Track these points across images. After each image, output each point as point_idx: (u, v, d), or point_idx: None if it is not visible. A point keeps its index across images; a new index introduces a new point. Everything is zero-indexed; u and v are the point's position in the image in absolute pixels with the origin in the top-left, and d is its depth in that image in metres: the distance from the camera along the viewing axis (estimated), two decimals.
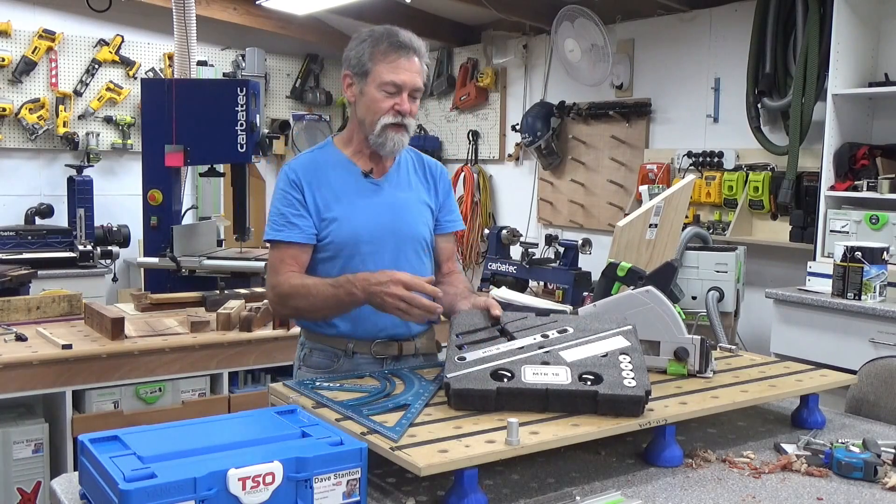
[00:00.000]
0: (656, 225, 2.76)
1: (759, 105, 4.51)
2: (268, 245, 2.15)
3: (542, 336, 1.85)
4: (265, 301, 3.31)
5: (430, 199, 2.23)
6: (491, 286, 4.37)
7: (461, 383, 1.67)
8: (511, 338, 1.85)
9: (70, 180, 5.60)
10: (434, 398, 1.76)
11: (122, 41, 6.07)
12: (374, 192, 2.14)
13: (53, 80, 5.86)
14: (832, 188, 3.98)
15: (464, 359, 1.77)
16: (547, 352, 1.78)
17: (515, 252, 4.59)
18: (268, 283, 2.14)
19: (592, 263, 3.95)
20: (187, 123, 4.13)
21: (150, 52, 6.24)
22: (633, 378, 1.66)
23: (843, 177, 3.97)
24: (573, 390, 1.64)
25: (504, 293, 2.25)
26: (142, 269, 4.69)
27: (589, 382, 1.66)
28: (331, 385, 1.85)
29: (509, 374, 1.70)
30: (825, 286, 3.73)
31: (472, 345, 1.84)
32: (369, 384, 1.86)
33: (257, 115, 4.26)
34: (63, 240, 5.07)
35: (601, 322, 1.91)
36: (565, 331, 1.87)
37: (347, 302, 1.97)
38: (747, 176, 4.59)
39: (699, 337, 1.97)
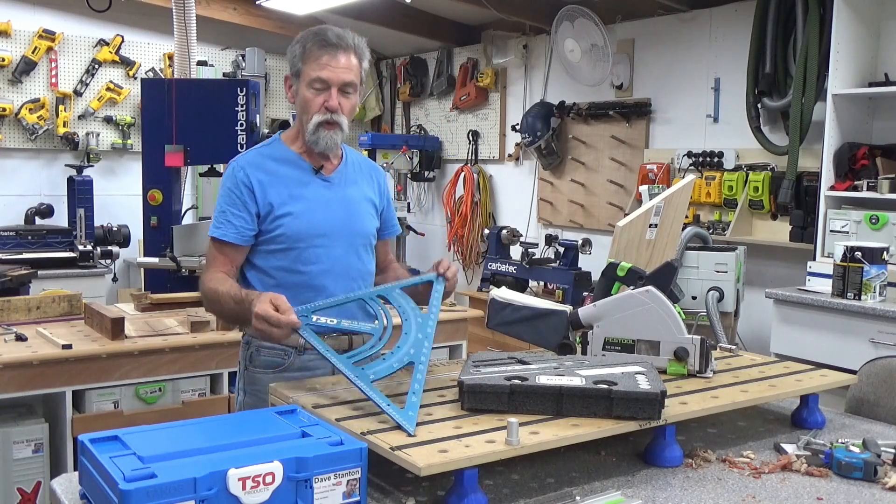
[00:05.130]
0: (656, 225, 2.76)
1: (759, 105, 4.51)
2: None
3: (559, 364, 1.84)
4: None
5: (376, 199, 2.30)
6: (491, 286, 4.37)
7: (474, 380, 1.67)
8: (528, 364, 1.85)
9: (70, 180, 5.60)
10: (437, 399, 1.76)
11: (122, 41, 6.07)
12: (327, 188, 2.18)
13: (53, 80, 5.86)
14: (832, 188, 3.97)
15: (479, 370, 1.77)
16: (563, 370, 1.77)
17: (515, 252, 4.59)
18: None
19: (592, 263, 3.96)
20: (187, 123, 4.13)
21: (150, 52, 6.24)
22: (647, 384, 1.66)
23: (843, 177, 3.97)
24: (587, 388, 1.63)
25: (504, 293, 2.25)
26: (142, 269, 4.69)
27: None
28: (327, 322, 1.88)
29: (524, 380, 1.69)
30: (825, 286, 3.73)
31: (488, 365, 1.83)
32: (365, 325, 1.92)
33: (257, 115, 4.26)
34: (63, 240, 5.07)
35: (617, 358, 1.92)
36: (582, 363, 1.87)
37: (247, 319, 1.92)
38: (747, 176, 4.59)
39: (699, 337, 1.97)
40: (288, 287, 2.10)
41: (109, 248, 5.10)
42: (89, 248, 4.97)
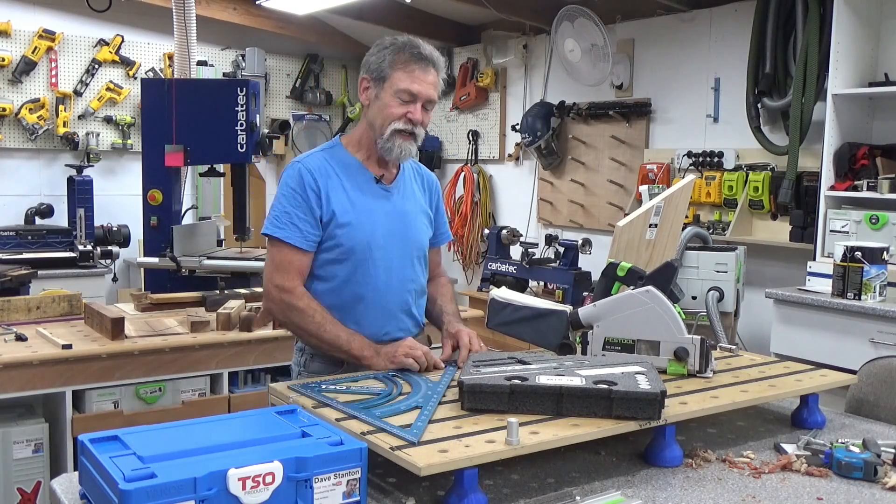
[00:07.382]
0: (656, 225, 2.76)
1: (759, 105, 4.51)
2: (266, 241, 2.16)
3: (559, 364, 1.84)
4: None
5: (429, 209, 2.29)
6: (491, 286, 4.37)
7: (474, 380, 1.67)
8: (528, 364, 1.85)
9: (70, 180, 5.60)
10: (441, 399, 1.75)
11: (122, 41, 6.07)
12: (386, 199, 2.17)
13: (53, 80, 5.85)
14: (832, 188, 3.97)
15: (479, 370, 1.77)
16: (563, 370, 1.77)
17: (515, 252, 4.59)
18: (271, 279, 2.11)
19: (592, 263, 3.95)
20: (187, 123, 4.13)
21: (150, 52, 6.23)
22: (647, 384, 1.66)
23: (843, 177, 3.97)
24: (587, 388, 1.63)
25: (504, 293, 2.25)
26: (142, 269, 4.69)
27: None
28: (336, 387, 1.85)
29: (524, 380, 1.69)
30: (825, 286, 3.73)
31: (488, 365, 1.84)
32: (375, 386, 1.86)
33: (257, 115, 4.26)
34: (63, 240, 5.07)
35: (617, 358, 1.92)
36: (582, 363, 1.87)
37: (352, 354, 2.05)
38: (747, 176, 4.59)
39: (699, 337, 1.97)
40: (342, 295, 2.12)
41: (109, 248, 5.10)
42: (89, 248, 4.97)
